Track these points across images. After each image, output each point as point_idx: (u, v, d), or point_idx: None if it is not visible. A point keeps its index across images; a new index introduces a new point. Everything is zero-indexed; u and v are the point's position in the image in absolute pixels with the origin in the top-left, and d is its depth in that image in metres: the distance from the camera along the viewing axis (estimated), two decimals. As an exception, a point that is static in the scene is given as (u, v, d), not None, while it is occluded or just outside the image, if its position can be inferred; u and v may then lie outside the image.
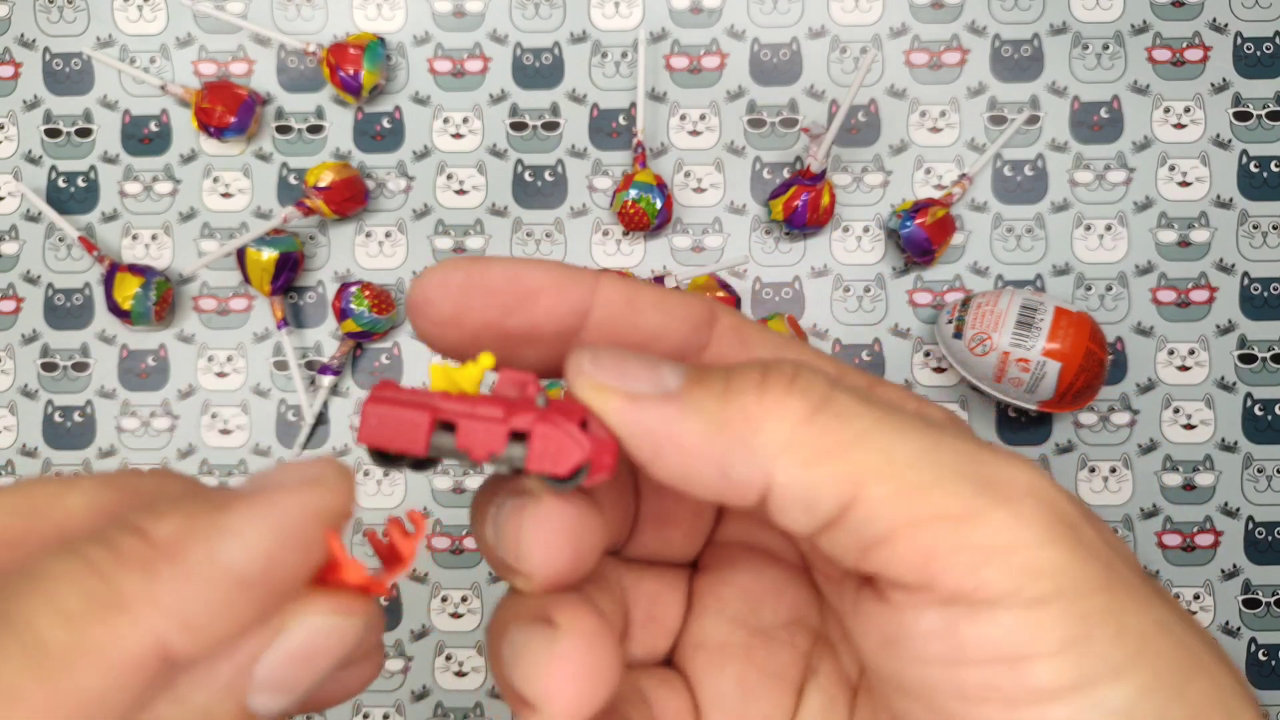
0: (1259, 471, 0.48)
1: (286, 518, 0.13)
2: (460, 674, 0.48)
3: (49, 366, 0.49)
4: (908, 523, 0.14)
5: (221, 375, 0.49)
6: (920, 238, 0.46)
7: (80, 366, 0.49)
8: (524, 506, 0.16)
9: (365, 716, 0.48)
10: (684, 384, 0.15)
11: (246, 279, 0.47)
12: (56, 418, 0.49)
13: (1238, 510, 0.48)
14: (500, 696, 0.49)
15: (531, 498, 0.16)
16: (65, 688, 0.11)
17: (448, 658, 0.48)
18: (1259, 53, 0.48)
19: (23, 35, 0.50)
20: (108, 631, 0.11)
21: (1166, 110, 0.49)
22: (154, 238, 0.50)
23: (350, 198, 0.47)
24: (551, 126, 0.49)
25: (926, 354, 0.49)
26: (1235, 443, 0.48)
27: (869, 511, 0.14)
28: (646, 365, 0.16)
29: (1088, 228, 0.49)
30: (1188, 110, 0.49)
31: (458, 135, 0.49)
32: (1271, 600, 0.48)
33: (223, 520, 0.12)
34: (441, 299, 0.17)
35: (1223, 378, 0.48)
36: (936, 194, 0.49)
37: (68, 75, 0.50)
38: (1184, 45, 0.49)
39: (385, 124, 0.50)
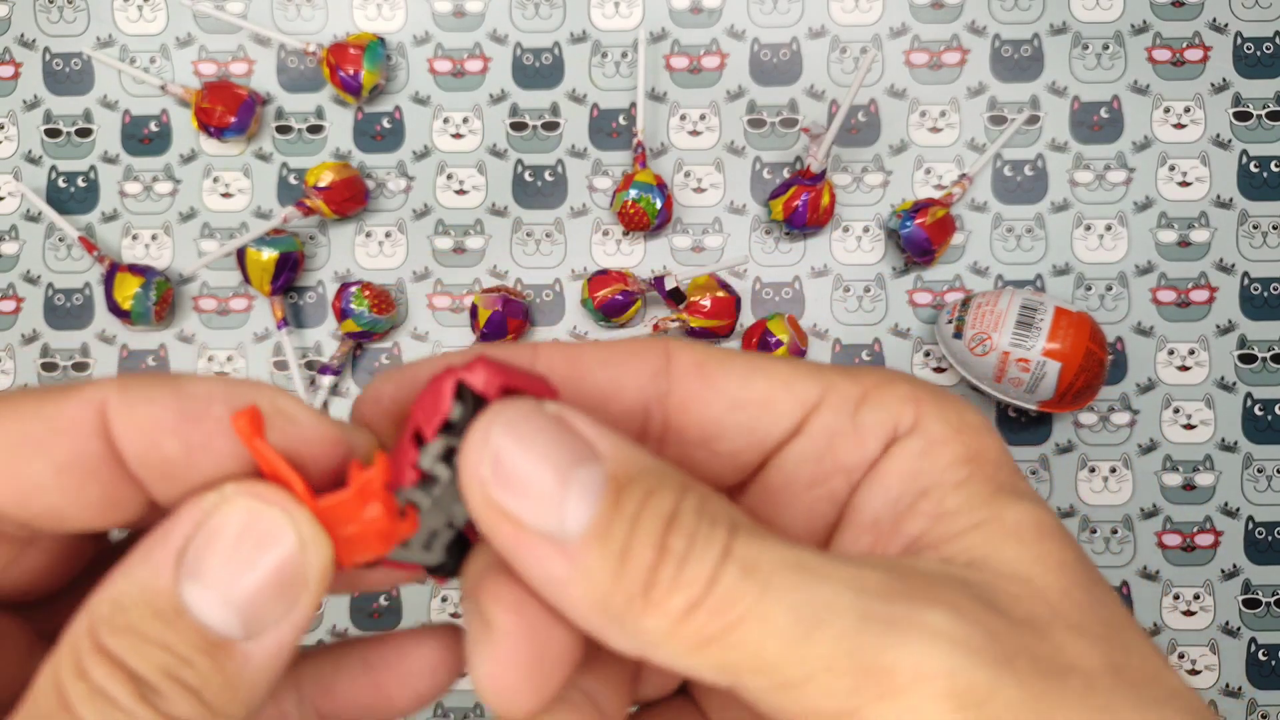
0: (1259, 471, 0.48)
1: (239, 384, 0.14)
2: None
3: (49, 366, 0.49)
4: (788, 716, 0.14)
5: (222, 375, 0.49)
6: (920, 238, 0.46)
7: (80, 366, 0.49)
8: (475, 640, 0.15)
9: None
10: (584, 537, 0.14)
11: (246, 279, 0.47)
12: (56, 418, 0.49)
13: (1238, 510, 0.48)
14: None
15: (482, 627, 0.15)
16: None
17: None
18: (1259, 53, 0.48)
19: (23, 35, 0.50)
20: (61, 400, 0.14)
21: (1166, 110, 0.49)
22: (154, 238, 0.50)
23: (350, 198, 0.47)
24: (551, 126, 0.49)
25: (926, 354, 0.49)
26: (1235, 443, 0.48)
27: (752, 697, 0.14)
28: (557, 481, 0.14)
29: (1088, 228, 0.49)
30: (1188, 110, 0.49)
31: (458, 135, 0.49)
32: (1271, 600, 0.48)
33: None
34: (379, 416, 0.17)
35: (1223, 378, 0.48)
36: (936, 194, 0.49)
37: (68, 75, 0.50)
38: (1184, 45, 0.49)
39: (385, 124, 0.50)
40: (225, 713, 0.14)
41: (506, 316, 0.46)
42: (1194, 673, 0.48)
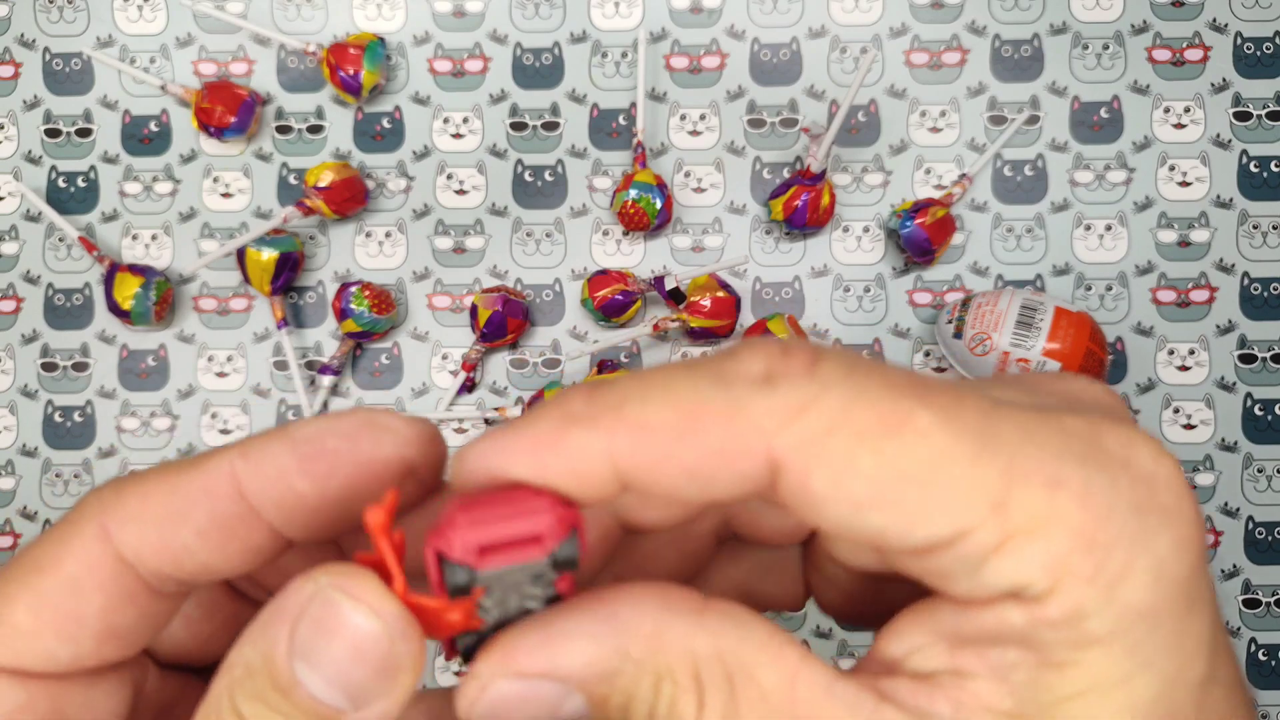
0: (1259, 471, 0.48)
1: (342, 417, 0.17)
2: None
3: (49, 366, 0.49)
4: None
5: (221, 375, 0.49)
6: (920, 238, 0.46)
7: (80, 366, 0.49)
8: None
9: None
10: (594, 716, 0.15)
11: (246, 279, 0.47)
12: (56, 418, 0.49)
13: (1238, 510, 0.48)
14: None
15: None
16: (175, 484, 0.16)
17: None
18: (1259, 53, 0.48)
19: (23, 35, 0.50)
20: (195, 473, 0.17)
21: (1166, 110, 0.49)
22: (154, 238, 0.50)
23: (350, 198, 0.47)
24: (551, 126, 0.49)
25: (926, 354, 0.49)
26: (1235, 443, 0.48)
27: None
28: (541, 704, 0.15)
29: (1088, 228, 0.49)
30: (1188, 110, 0.49)
31: (458, 135, 0.49)
32: (1271, 600, 0.48)
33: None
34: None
35: (1223, 378, 0.48)
36: (936, 194, 0.49)
37: (68, 75, 0.50)
38: (1184, 45, 0.49)
39: (385, 124, 0.50)
40: None
41: (506, 316, 0.46)
42: (1194, 673, 0.48)
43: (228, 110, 0.47)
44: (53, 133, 0.50)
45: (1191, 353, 0.48)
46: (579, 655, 0.15)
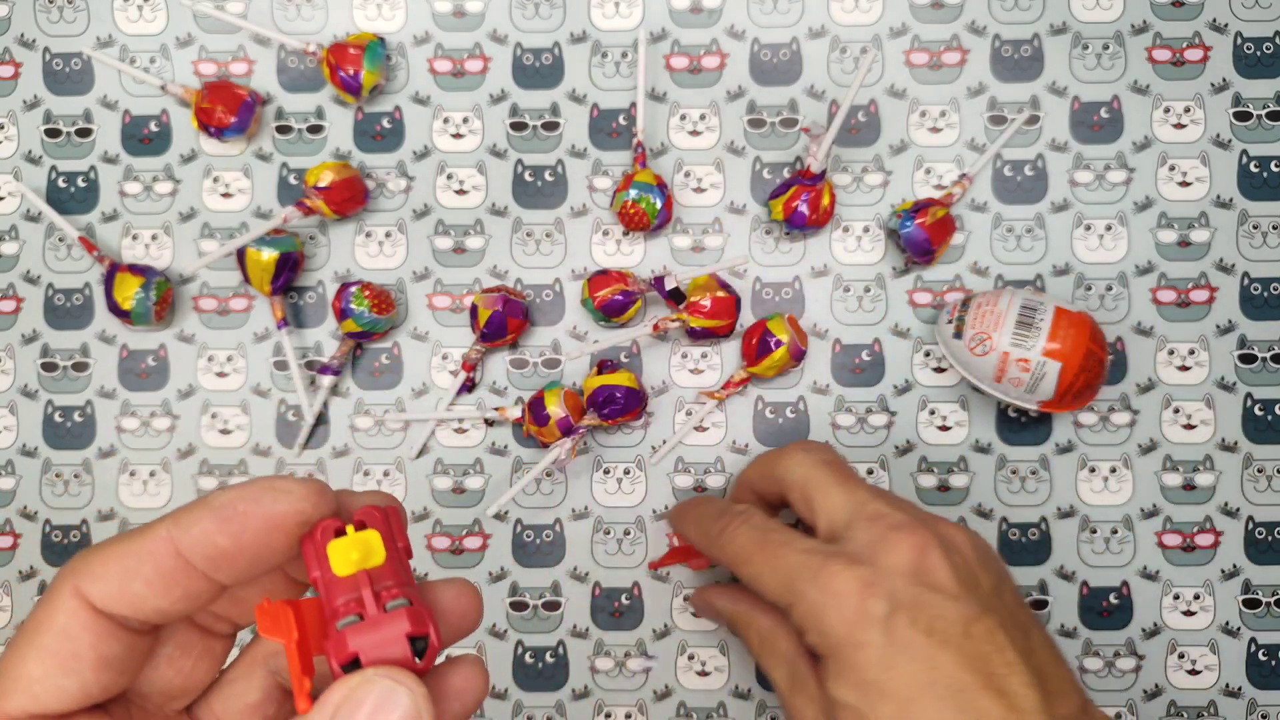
0: (1259, 471, 0.48)
1: (249, 485, 0.22)
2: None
3: (49, 366, 0.49)
4: None
5: (221, 375, 0.49)
6: (920, 238, 0.46)
7: (80, 366, 0.49)
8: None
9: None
10: None
11: (246, 279, 0.47)
12: (56, 418, 0.49)
13: (1238, 510, 0.48)
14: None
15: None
16: (134, 548, 0.22)
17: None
18: (1259, 53, 0.48)
19: (23, 35, 0.50)
20: (141, 539, 0.23)
21: (1166, 110, 0.49)
22: (154, 238, 0.50)
23: (350, 198, 0.47)
24: (551, 126, 0.49)
25: (926, 354, 0.49)
26: (1235, 443, 0.48)
27: None
28: None
29: (1088, 228, 0.49)
30: (1188, 110, 0.49)
31: (458, 135, 0.49)
32: (1271, 600, 0.48)
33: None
34: None
35: (1223, 378, 0.48)
36: (936, 194, 0.49)
37: (68, 75, 0.50)
38: (1184, 45, 0.49)
39: (385, 124, 0.50)
40: None
41: (506, 316, 0.46)
42: (1194, 673, 0.48)
43: (228, 110, 0.47)
44: (53, 133, 0.50)
45: (1191, 353, 0.48)
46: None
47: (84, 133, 0.50)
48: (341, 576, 0.21)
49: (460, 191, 0.49)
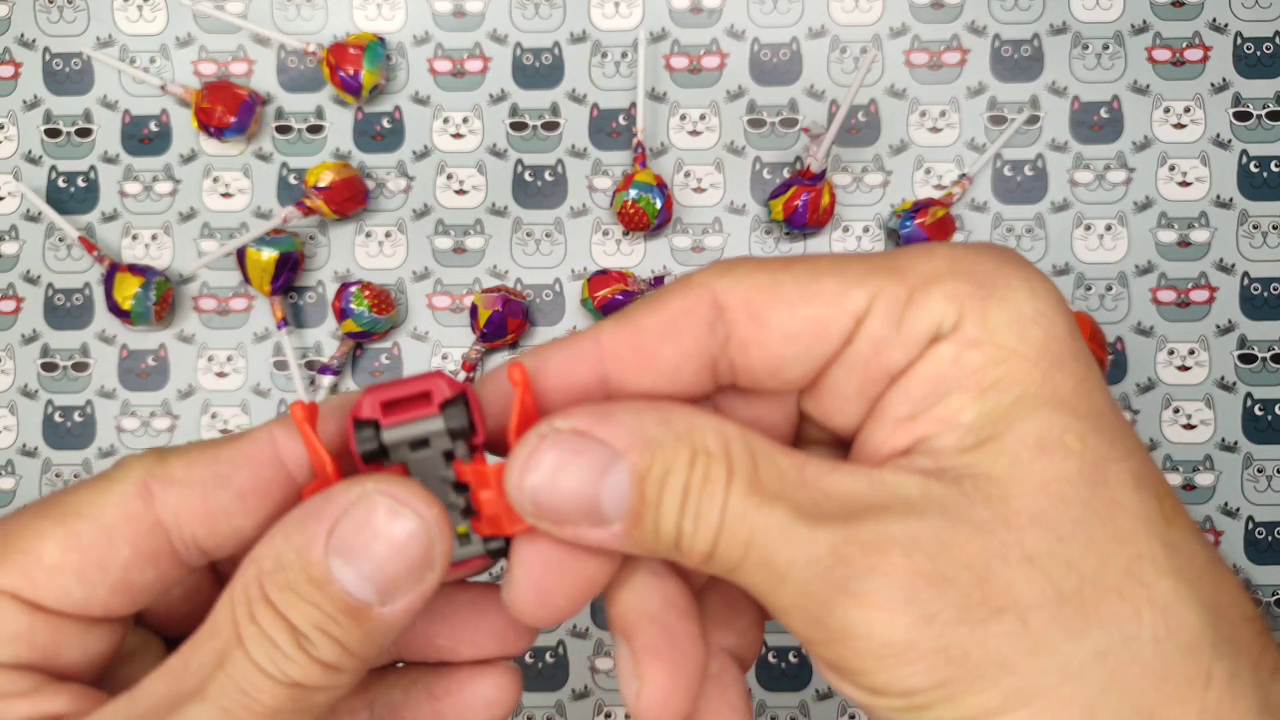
0: (1259, 471, 0.48)
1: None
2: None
3: (49, 366, 0.49)
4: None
5: (221, 375, 0.49)
6: (920, 238, 0.46)
7: (80, 366, 0.49)
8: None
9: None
10: (623, 527, 0.17)
11: (246, 279, 0.47)
12: (56, 418, 0.49)
13: (1238, 510, 0.48)
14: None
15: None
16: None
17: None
18: (1259, 53, 0.48)
19: (23, 35, 0.50)
20: (238, 444, 0.19)
21: (1166, 110, 0.49)
22: (154, 238, 0.50)
23: (350, 198, 0.47)
24: (551, 126, 0.49)
25: (926, 354, 0.49)
26: (1235, 443, 0.48)
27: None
28: (591, 500, 0.17)
29: (1088, 228, 0.49)
30: (1188, 110, 0.49)
31: (458, 135, 0.49)
32: (1271, 600, 0.48)
33: None
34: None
35: (1223, 378, 0.48)
36: (936, 194, 0.49)
37: (68, 75, 0.50)
38: (1184, 45, 0.49)
39: (385, 124, 0.50)
40: (362, 657, 0.17)
41: (506, 316, 0.46)
42: (1194, 673, 0.48)
43: (228, 110, 0.47)
44: (53, 133, 0.50)
45: (1191, 353, 0.48)
46: (629, 419, 0.17)
47: (84, 133, 0.50)
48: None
49: (460, 191, 0.49)
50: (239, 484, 0.18)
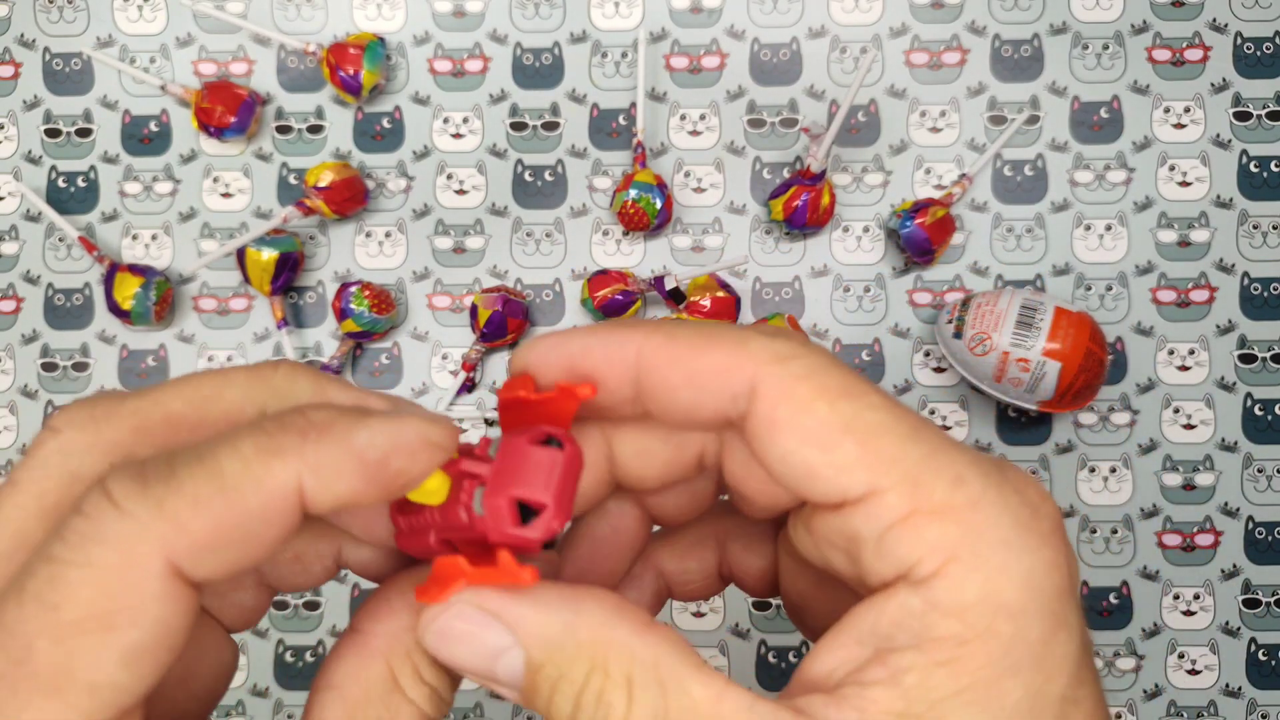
0: (1259, 471, 0.48)
1: (403, 431, 0.17)
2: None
3: (49, 366, 0.49)
4: None
5: (221, 375, 0.49)
6: (920, 238, 0.46)
7: (80, 366, 0.49)
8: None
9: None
10: (520, 696, 0.17)
11: (246, 279, 0.47)
12: (56, 418, 0.49)
13: (1238, 510, 0.48)
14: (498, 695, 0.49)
15: None
16: (233, 500, 0.15)
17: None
18: (1259, 53, 0.48)
19: (23, 35, 0.50)
20: (265, 467, 0.15)
21: (1166, 110, 0.49)
22: (154, 238, 0.50)
23: (350, 198, 0.47)
24: (551, 126, 0.49)
25: (926, 354, 0.49)
26: (1235, 443, 0.48)
27: None
28: (486, 672, 0.17)
29: (1088, 228, 0.49)
30: (1188, 110, 0.49)
31: (458, 135, 0.49)
32: (1271, 600, 0.48)
33: (362, 420, 0.16)
34: (545, 369, 0.19)
35: (1223, 378, 0.48)
36: (936, 194, 0.49)
37: (68, 75, 0.50)
38: (1184, 45, 0.49)
39: (385, 124, 0.50)
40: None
41: (506, 316, 0.46)
42: (1194, 673, 0.48)
43: (228, 110, 0.47)
44: (53, 133, 0.50)
45: (1191, 353, 0.48)
46: (535, 616, 0.17)
47: (84, 133, 0.50)
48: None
49: (460, 191, 0.49)
50: (267, 541, 0.16)
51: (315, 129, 0.50)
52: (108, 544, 0.15)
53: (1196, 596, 0.48)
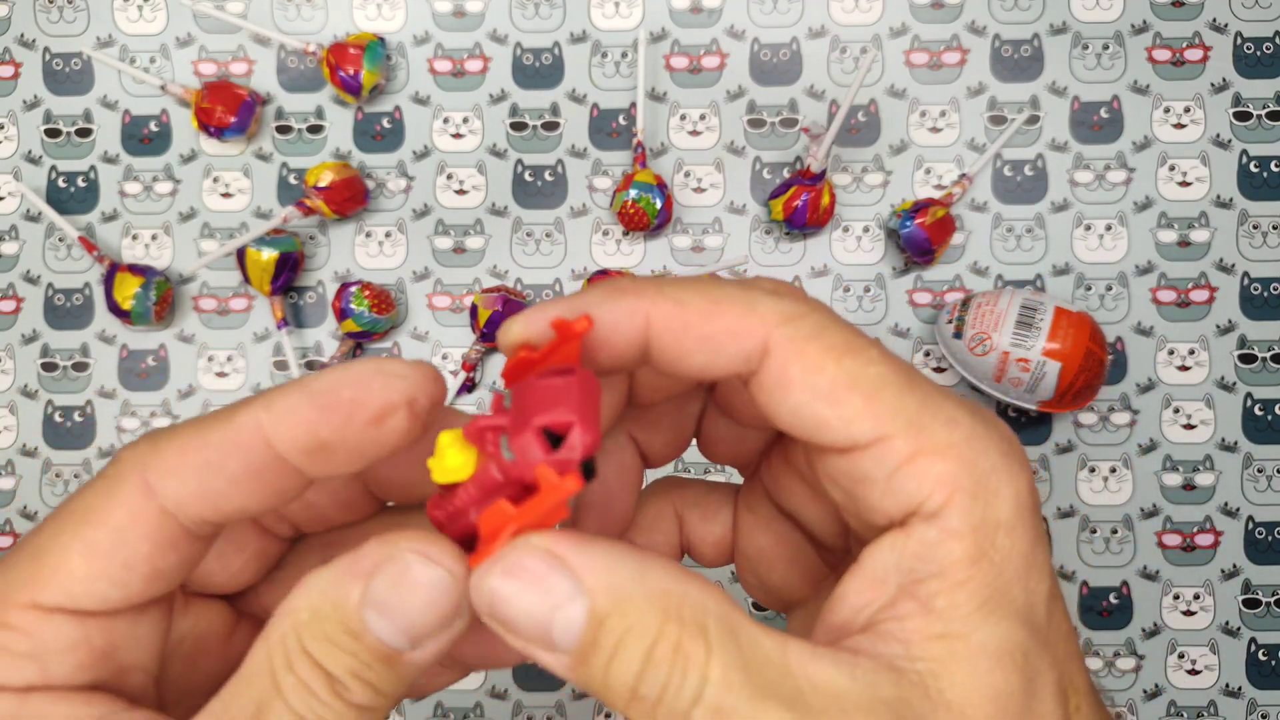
0: (1259, 471, 0.48)
1: (355, 365, 0.18)
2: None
3: (49, 366, 0.49)
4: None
5: (221, 375, 0.49)
6: (920, 238, 0.46)
7: (80, 366, 0.49)
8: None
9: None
10: (570, 663, 0.17)
11: (246, 279, 0.47)
12: (56, 418, 0.49)
13: (1238, 510, 0.48)
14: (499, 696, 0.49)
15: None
16: (205, 436, 0.18)
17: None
18: (1259, 53, 0.48)
19: (23, 35, 0.50)
20: (234, 410, 0.18)
21: (1166, 110, 0.49)
22: (154, 238, 0.50)
23: (350, 198, 0.47)
24: (551, 126, 0.49)
25: (926, 354, 0.49)
26: (1235, 443, 0.48)
27: None
28: (541, 625, 0.17)
29: (1088, 228, 0.49)
30: (1188, 110, 0.49)
31: (458, 135, 0.49)
32: (1271, 600, 0.48)
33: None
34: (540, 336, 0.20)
35: (1223, 378, 0.48)
36: (936, 194, 0.49)
37: (68, 75, 0.50)
38: (1184, 45, 0.49)
39: (385, 124, 0.50)
40: (392, 696, 0.18)
41: (506, 316, 0.46)
42: (1194, 673, 0.48)
43: (228, 110, 0.47)
44: (53, 133, 0.50)
45: (1191, 353, 0.48)
46: (603, 560, 0.17)
47: (84, 133, 0.50)
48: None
49: (460, 191, 0.49)
50: (231, 471, 0.18)
51: (315, 129, 0.50)
52: (109, 467, 0.18)
53: (1196, 596, 0.48)
